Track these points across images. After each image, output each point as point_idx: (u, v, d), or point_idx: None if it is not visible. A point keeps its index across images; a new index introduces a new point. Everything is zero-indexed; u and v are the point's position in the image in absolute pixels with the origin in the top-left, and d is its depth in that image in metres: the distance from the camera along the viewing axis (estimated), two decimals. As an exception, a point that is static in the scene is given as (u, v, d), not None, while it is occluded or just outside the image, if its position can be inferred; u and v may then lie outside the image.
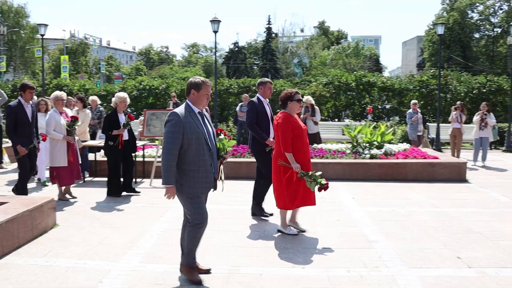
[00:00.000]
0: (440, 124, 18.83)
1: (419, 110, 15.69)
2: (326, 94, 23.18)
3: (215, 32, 20.27)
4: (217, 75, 23.98)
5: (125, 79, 45.45)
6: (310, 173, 6.43)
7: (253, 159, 7.93)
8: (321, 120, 17.76)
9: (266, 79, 7.82)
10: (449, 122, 14.90)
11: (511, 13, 52.70)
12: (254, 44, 77.22)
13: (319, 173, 6.51)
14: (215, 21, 20.15)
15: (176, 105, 17.98)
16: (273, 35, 71.79)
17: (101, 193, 9.31)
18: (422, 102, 22.20)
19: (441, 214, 7.97)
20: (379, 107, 23.86)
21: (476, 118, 14.25)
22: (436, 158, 11.70)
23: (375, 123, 17.78)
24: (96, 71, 72.33)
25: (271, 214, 7.65)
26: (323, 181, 6.43)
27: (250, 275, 5.14)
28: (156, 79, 29.76)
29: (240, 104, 17.32)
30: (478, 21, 57.13)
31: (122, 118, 9.18)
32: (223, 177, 5.39)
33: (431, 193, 9.72)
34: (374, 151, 11.77)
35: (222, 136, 5.14)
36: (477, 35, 57.90)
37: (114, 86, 26.03)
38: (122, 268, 5.34)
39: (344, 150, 12.20)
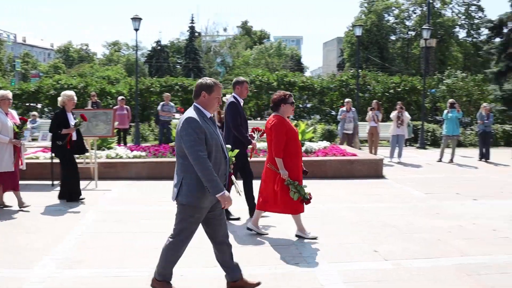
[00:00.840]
0: (359, 123, 19.38)
1: (353, 109, 15.95)
2: (249, 94, 23.30)
3: (136, 30, 19.86)
4: (139, 74, 23.54)
5: (42, 78, 43.63)
6: (297, 183, 6.31)
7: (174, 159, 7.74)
8: (244, 119, 17.75)
9: (242, 78, 7.62)
10: (367, 121, 15.39)
11: (424, 17, 55.19)
12: (177, 43, 76.56)
13: (305, 186, 6.41)
14: (136, 19, 19.73)
15: (95, 104, 17.45)
16: (196, 34, 71.48)
17: (25, 197, 8.77)
18: (341, 101, 22.78)
19: (360, 209, 8.20)
20: (300, 106, 24.30)
21: (393, 114, 14.83)
22: (355, 155, 12.05)
23: (296, 121, 18.05)
24: (10, 68, 68.94)
25: (238, 218, 7.53)
26: (307, 196, 6.34)
27: (172, 277, 5.04)
28: (75, 77, 28.82)
29: (161, 103, 17.04)
30: (394, 24, 59.50)
31: (71, 117, 8.77)
32: (239, 189, 5.39)
33: (350, 189, 10.00)
34: (296, 149, 11.93)
35: (229, 146, 4.89)
36: (393, 37, 60.29)
37: (29, 85, 24.95)
38: (37, 275, 5.09)
39: (264, 149, 12.28)
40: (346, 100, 15.90)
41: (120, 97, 17.32)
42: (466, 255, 5.93)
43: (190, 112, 4.31)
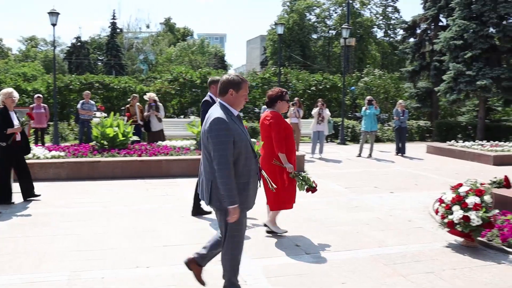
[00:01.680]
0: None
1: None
2: (172, 91, 23.10)
3: (54, 25, 19.06)
4: (57, 71, 22.69)
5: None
6: (303, 174, 6.29)
7: (96, 159, 7.51)
8: (166, 117, 17.62)
9: (218, 78, 7.54)
10: (288, 117, 15.61)
11: (344, 17, 56.81)
12: (98, 39, 74.38)
13: (309, 175, 6.40)
14: (54, 13, 18.93)
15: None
16: (118, 30, 69.69)
17: None
18: (264, 99, 22.98)
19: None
20: (224, 103, 24.31)
21: (314, 111, 15.16)
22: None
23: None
24: None
25: (210, 212, 7.54)
26: (313, 184, 6.30)
27: (92, 280, 4.89)
28: (-14, 74, 27.40)
29: (81, 101, 16.49)
30: (316, 23, 60.84)
31: (14, 116, 8.21)
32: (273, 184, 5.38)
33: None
34: (218, 146, 11.92)
35: (254, 140, 4.68)
36: (315, 36, 61.63)
37: None
38: None
39: (188, 147, 12.23)
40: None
41: (36, 95, 16.60)
42: (383, 245, 6.18)
43: (217, 111, 4.07)
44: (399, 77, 30.13)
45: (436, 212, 6.30)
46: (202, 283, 4.60)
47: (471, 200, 5.87)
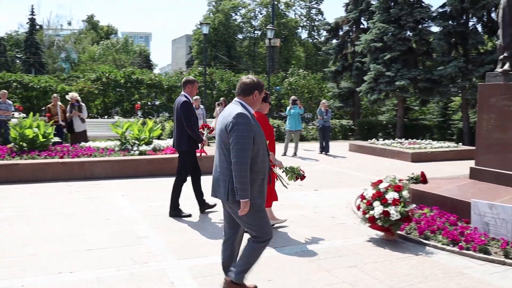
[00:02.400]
0: (207, 120, 19.66)
1: (202, 106, 16.06)
2: (95, 91, 22.52)
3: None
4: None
5: None
6: (295, 167, 6.27)
7: (14, 161, 7.18)
8: (90, 117, 17.16)
9: (193, 77, 7.79)
10: (215, 117, 15.65)
11: (269, 18, 57.49)
12: (16, 36, 71.15)
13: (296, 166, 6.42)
14: (-36, 9, 17.98)
15: None
16: (38, 27, 66.98)
17: None
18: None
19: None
20: (149, 103, 24.02)
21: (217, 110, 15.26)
22: (203, 151, 12.14)
23: (144, 119, 17.82)
24: None
25: (215, 205, 7.87)
26: (301, 172, 6.30)
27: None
28: None
29: (-3, 101, 15.73)
30: (241, 23, 61.17)
31: None
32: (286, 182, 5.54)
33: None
34: (143, 147, 11.77)
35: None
36: (240, 36, 61.95)
37: None
38: None
39: (112, 148, 11.97)
40: (195, 97, 15.98)
41: None
42: (308, 242, 6.32)
43: (238, 108, 4.18)
44: (322, 77, 30.88)
45: (358, 208, 6.52)
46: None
47: (390, 195, 6.12)
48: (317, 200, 8.98)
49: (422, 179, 8.05)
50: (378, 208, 6.11)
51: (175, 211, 7.60)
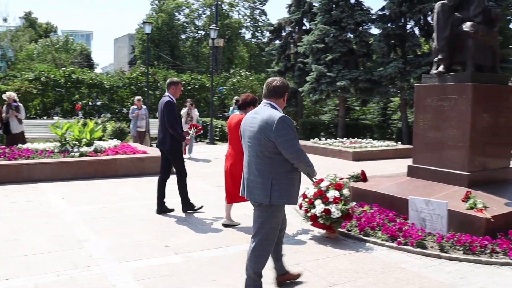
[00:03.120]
0: (150, 120, 19.44)
1: (144, 106, 15.84)
2: (33, 91, 21.82)
3: None
4: None
5: None
6: None
7: None
8: (28, 118, 16.62)
9: (177, 79, 8.06)
10: (157, 118, 15.47)
11: (213, 18, 57.36)
12: None
13: None
14: None
15: None
16: (-30, 23, 64.22)
17: None
18: (132, 99, 22.61)
19: (151, 206, 8.20)
20: (90, 104, 23.51)
21: (183, 111, 15.14)
22: (145, 152, 12.04)
23: (85, 120, 17.43)
24: None
25: (202, 207, 8.10)
26: None
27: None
28: None
29: None
30: (185, 23, 60.70)
31: None
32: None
33: (142, 187, 9.96)
34: (84, 148, 11.51)
35: None
36: (184, 36, 61.46)
37: None
38: None
39: (52, 149, 11.65)
40: (137, 97, 15.81)
41: None
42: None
43: (275, 112, 4.30)
44: (266, 77, 31.08)
45: (300, 206, 6.62)
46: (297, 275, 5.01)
47: (331, 194, 6.26)
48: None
49: (362, 177, 8.25)
50: (319, 207, 6.22)
51: (188, 206, 7.99)
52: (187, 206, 7.99)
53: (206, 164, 13.98)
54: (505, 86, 8.32)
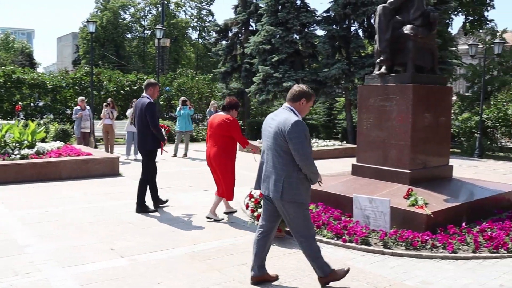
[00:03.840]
0: (95, 121, 19.05)
1: (88, 107, 15.48)
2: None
3: None
4: None
5: None
6: None
7: None
8: (-36, 119, 15.95)
9: (154, 81, 8.33)
10: (102, 119, 15.18)
11: (159, 17, 56.76)
12: None
13: None
14: None
15: None
16: None
17: None
18: (76, 99, 22.11)
19: (97, 209, 8.08)
20: (32, 104, 22.82)
21: (129, 111, 14.90)
22: (90, 154, 11.80)
23: (26, 121, 16.90)
24: None
25: (155, 210, 8.13)
26: None
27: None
28: None
29: None
30: (131, 23, 59.75)
31: None
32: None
33: (86, 190, 9.77)
34: (25, 151, 11.15)
35: None
36: (129, 36, 60.50)
37: None
38: None
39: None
40: (80, 98, 15.44)
41: None
42: (198, 242, 6.34)
43: (292, 115, 4.64)
44: (212, 78, 31.03)
45: (247, 206, 6.66)
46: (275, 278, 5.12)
47: (277, 193, 6.30)
48: (207, 200, 9.02)
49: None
50: (266, 206, 6.25)
51: (141, 207, 8.01)
52: (141, 207, 8.03)
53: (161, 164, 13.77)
54: (444, 87, 8.63)
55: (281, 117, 4.70)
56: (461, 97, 24.46)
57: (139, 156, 14.83)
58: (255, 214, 6.38)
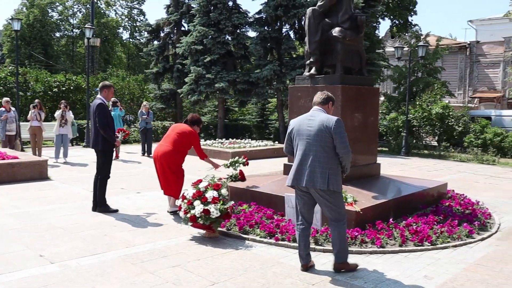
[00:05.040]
0: (21, 123, 18.35)
1: (13, 109, 14.82)
2: None
3: None
4: None
5: None
6: (232, 160, 8.48)
7: None
8: None
9: (109, 82, 8.36)
10: (29, 121, 14.63)
11: (88, 16, 55.31)
12: None
13: (236, 158, 8.49)
14: None
15: None
16: None
17: None
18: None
19: (24, 214, 7.79)
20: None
21: (57, 113, 14.44)
22: (16, 158, 11.36)
23: None
24: None
25: (116, 210, 8.12)
26: (242, 159, 8.40)
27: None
28: None
29: None
30: (59, 21, 57.82)
31: None
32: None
33: (12, 195, 9.40)
34: None
35: None
36: (58, 34, 58.53)
37: None
38: None
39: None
40: (5, 99, 14.79)
41: None
42: (131, 245, 6.26)
43: (329, 115, 5.39)
44: (144, 78, 30.59)
45: (179, 208, 6.62)
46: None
47: (210, 194, 6.34)
48: (140, 202, 8.94)
49: (241, 176, 8.41)
50: (198, 207, 6.27)
51: (104, 207, 8.08)
52: (103, 207, 8.08)
53: (83, 168, 13.45)
54: (372, 88, 8.94)
55: (321, 116, 5.33)
56: (388, 98, 25.31)
57: (69, 159, 14.56)
58: (188, 215, 6.36)
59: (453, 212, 7.80)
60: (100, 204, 8.11)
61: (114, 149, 8.46)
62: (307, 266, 5.45)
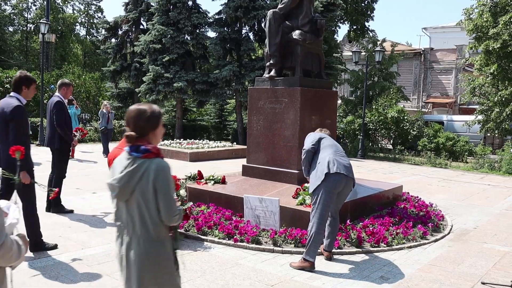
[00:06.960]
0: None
1: None
2: None
3: None
4: None
5: None
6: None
7: None
8: None
9: (68, 80, 8.17)
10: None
11: (43, 11, 53.96)
12: None
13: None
14: None
15: None
16: None
17: None
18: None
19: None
20: None
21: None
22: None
23: None
24: None
25: (72, 211, 7.96)
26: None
27: None
28: None
29: None
30: (12, 15, 56.21)
31: None
32: None
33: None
34: None
35: None
36: (11, 29, 56.90)
37: None
38: None
39: None
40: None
41: None
42: (86, 247, 6.14)
43: None
44: (101, 77, 30.06)
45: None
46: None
47: (169, 195, 6.27)
48: (96, 203, 8.78)
49: (199, 177, 8.39)
50: (157, 208, 6.19)
51: (59, 207, 7.92)
52: (58, 207, 7.93)
53: (36, 167, 12.98)
54: (329, 91, 9.04)
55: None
56: (345, 101, 25.66)
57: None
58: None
59: (408, 214, 7.97)
60: (54, 205, 7.91)
61: (71, 148, 8.27)
62: (330, 254, 6.02)
